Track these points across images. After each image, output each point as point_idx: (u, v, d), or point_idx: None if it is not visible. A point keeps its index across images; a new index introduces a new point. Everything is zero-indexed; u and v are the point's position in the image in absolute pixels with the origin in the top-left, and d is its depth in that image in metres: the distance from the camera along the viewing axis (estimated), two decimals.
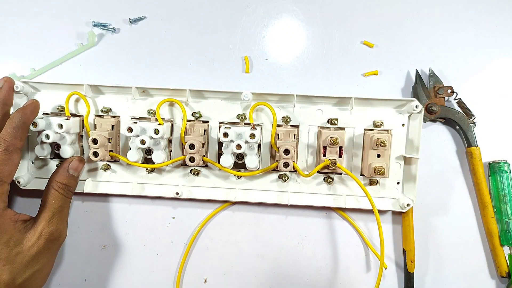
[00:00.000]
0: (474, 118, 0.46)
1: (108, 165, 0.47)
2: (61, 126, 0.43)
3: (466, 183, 0.48)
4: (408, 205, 0.45)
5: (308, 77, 0.49)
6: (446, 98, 0.47)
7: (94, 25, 0.49)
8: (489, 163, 0.47)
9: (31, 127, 0.43)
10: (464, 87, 0.47)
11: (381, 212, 0.48)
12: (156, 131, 0.43)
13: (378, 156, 0.44)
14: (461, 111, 0.47)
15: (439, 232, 0.48)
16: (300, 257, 0.48)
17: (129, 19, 0.49)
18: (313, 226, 0.48)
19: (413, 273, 0.47)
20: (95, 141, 0.43)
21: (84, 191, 0.46)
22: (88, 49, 0.49)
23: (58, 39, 0.49)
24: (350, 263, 0.48)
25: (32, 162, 0.47)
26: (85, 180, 0.47)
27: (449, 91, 0.46)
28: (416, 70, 0.47)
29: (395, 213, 0.48)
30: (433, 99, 0.46)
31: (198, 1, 0.49)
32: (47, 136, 0.43)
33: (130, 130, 0.43)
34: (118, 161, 0.47)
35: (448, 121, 0.48)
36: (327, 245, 0.48)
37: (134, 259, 0.49)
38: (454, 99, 0.47)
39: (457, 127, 0.47)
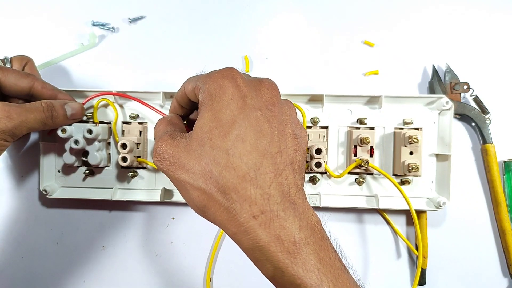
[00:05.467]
0: (490, 115, 0.46)
1: (136, 171, 0.46)
2: (90, 132, 0.43)
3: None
4: (444, 203, 0.44)
5: (308, 76, 0.48)
6: (462, 95, 0.47)
7: (93, 25, 0.49)
8: (504, 161, 0.46)
9: (60, 133, 0.42)
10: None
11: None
12: None
13: (411, 153, 0.44)
14: (477, 107, 0.46)
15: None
16: None
17: (129, 18, 0.49)
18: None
19: (426, 269, 0.46)
20: (124, 146, 0.43)
21: (112, 199, 0.45)
22: (88, 49, 0.49)
23: (59, 38, 0.49)
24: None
25: (59, 171, 0.47)
26: (112, 188, 0.46)
27: (465, 87, 0.46)
28: (433, 66, 0.47)
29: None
30: (449, 95, 0.46)
31: (197, 0, 0.50)
32: (76, 142, 0.43)
33: None
34: (145, 168, 0.46)
35: (464, 118, 0.47)
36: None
37: (133, 260, 0.48)
38: (470, 96, 0.47)
39: (473, 124, 0.47)
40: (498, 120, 0.47)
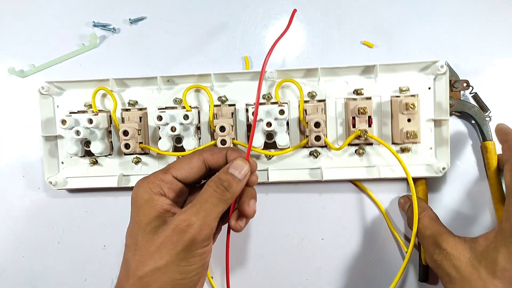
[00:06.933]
0: (490, 113, 0.46)
1: (139, 158, 0.47)
2: (90, 121, 0.43)
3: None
4: (444, 168, 0.44)
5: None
6: (462, 92, 0.47)
7: (94, 25, 0.49)
8: None
9: (60, 125, 0.43)
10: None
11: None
12: (186, 117, 0.43)
13: (409, 120, 0.44)
14: (476, 105, 0.46)
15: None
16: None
17: (129, 19, 0.49)
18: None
19: (428, 265, 0.46)
20: (125, 133, 0.43)
21: (117, 186, 0.46)
22: (89, 50, 0.49)
23: (60, 38, 0.50)
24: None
25: (62, 162, 0.47)
26: (116, 176, 0.46)
27: (465, 84, 0.46)
28: None
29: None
30: (449, 92, 0.46)
31: (198, 1, 0.50)
32: (78, 132, 0.43)
33: (159, 118, 0.43)
34: (148, 153, 0.47)
35: (464, 115, 0.47)
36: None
37: None
38: (470, 93, 0.47)
39: (473, 121, 0.47)
40: (498, 118, 0.46)
